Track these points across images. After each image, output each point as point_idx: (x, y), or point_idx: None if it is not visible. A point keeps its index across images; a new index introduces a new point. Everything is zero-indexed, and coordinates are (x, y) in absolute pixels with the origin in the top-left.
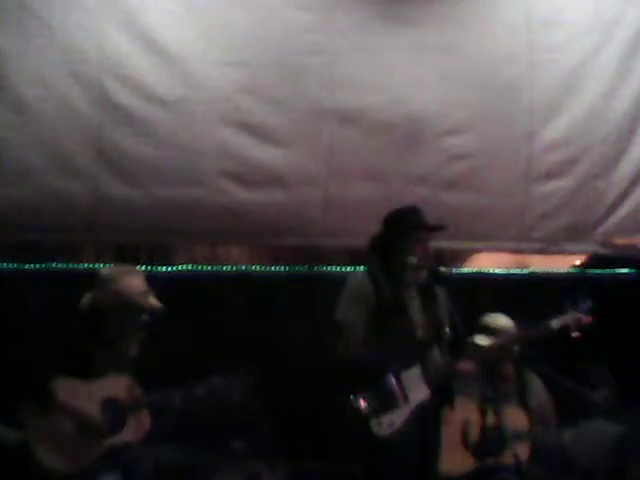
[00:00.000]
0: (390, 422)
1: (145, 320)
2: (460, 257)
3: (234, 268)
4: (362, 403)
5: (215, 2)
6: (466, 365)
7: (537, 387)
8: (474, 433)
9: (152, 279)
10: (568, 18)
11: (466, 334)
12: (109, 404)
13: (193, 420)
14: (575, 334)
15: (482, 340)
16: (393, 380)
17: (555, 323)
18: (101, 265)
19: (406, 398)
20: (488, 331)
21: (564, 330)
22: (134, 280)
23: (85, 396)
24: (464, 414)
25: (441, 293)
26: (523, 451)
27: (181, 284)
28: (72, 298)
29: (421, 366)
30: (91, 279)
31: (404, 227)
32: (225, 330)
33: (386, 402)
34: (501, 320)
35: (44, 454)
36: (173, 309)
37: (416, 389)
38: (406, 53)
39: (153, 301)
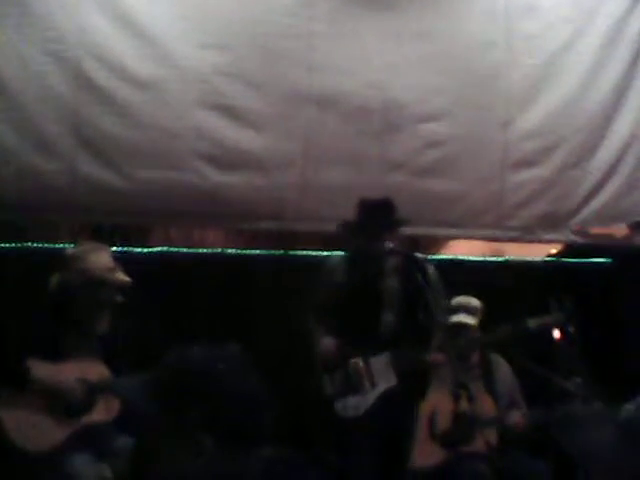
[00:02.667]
0: (355, 405)
1: (114, 297)
2: (436, 244)
3: (209, 250)
4: (330, 385)
5: None
6: (437, 356)
7: (503, 371)
8: (441, 423)
9: (127, 260)
10: (547, 5)
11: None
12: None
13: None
14: (557, 336)
15: (468, 319)
16: (361, 365)
17: (533, 323)
18: None
19: (373, 384)
20: (468, 310)
21: (544, 332)
22: (101, 257)
23: (56, 376)
24: (431, 404)
25: (432, 279)
26: (492, 437)
27: (156, 266)
28: (48, 278)
29: (391, 354)
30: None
31: (370, 223)
32: (199, 313)
33: (353, 386)
34: (476, 301)
35: (16, 434)
36: (148, 291)
37: (384, 376)
38: (384, 38)
39: (121, 276)
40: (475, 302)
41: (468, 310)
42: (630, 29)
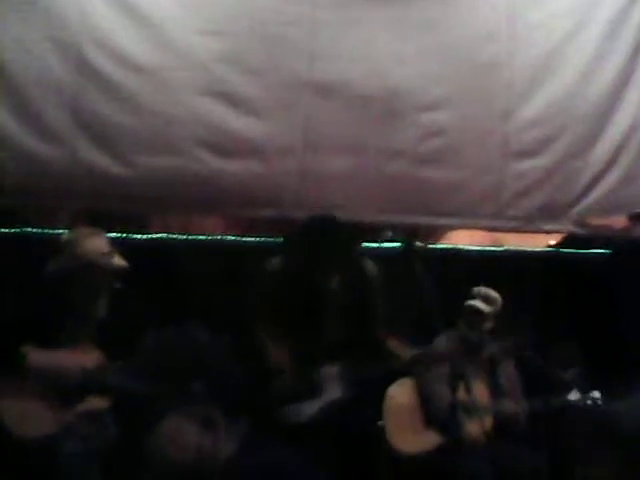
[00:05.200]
0: (298, 412)
1: (111, 283)
2: (435, 233)
3: (208, 237)
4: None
5: None
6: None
7: (508, 368)
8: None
9: (126, 246)
10: None
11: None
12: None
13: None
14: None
15: (483, 305)
16: (309, 373)
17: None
18: None
19: (319, 393)
20: (485, 299)
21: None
22: (96, 241)
23: (52, 363)
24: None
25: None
26: (487, 424)
27: (155, 252)
28: (44, 263)
29: (341, 365)
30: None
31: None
32: (197, 299)
33: (299, 392)
34: (495, 293)
35: (11, 420)
36: (147, 277)
37: (331, 387)
38: (386, 26)
39: (117, 261)
40: (494, 294)
41: (486, 299)
42: (632, 20)
